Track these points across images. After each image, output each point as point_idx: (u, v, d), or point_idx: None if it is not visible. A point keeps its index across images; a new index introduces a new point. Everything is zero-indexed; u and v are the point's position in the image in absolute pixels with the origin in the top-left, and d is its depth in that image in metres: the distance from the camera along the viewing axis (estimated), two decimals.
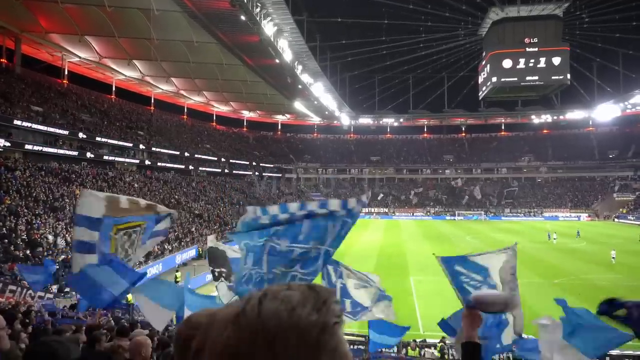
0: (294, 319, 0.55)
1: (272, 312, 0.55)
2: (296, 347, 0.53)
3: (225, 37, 40.55)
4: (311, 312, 0.56)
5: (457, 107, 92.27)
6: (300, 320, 0.55)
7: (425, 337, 15.70)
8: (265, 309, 0.56)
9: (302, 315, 0.55)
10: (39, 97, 39.68)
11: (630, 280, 24.49)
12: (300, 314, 0.55)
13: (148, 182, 43.27)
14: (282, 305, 0.56)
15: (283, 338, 0.53)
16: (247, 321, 0.55)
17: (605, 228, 54.59)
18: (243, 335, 0.54)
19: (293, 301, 0.57)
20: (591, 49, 72.38)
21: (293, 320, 0.55)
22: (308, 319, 0.55)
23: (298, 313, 0.55)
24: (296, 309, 0.56)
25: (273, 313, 0.55)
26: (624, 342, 3.46)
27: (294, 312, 0.55)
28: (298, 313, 0.55)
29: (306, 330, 0.54)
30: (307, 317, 0.55)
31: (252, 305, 0.57)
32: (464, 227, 56.81)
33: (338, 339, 0.58)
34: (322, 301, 0.59)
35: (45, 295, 15.87)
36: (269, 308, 0.56)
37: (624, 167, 78.51)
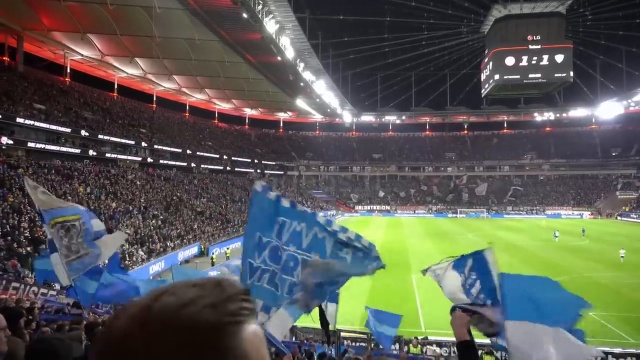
0: (181, 316, 0.52)
1: (162, 307, 0.53)
2: (178, 346, 0.50)
3: (227, 34, 40.51)
4: (202, 310, 0.53)
5: (459, 105, 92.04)
6: (187, 317, 0.52)
7: (427, 335, 15.72)
8: (156, 305, 0.54)
9: (191, 312, 0.53)
10: (41, 95, 39.75)
11: (632, 278, 24.45)
12: (189, 311, 0.53)
13: (150, 179, 43.35)
14: (175, 301, 0.54)
15: (166, 336, 0.51)
16: (138, 315, 0.53)
17: (607, 226, 54.46)
18: (132, 331, 0.52)
19: (187, 298, 0.54)
20: (594, 46, 72.05)
21: (180, 317, 0.52)
22: (196, 317, 0.52)
23: (188, 310, 0.53)
24: (187, 306, 0.53)
25: (162, 309, 0.53)
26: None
27: (184, 309, 0.53)
28: (188, 310, 0.53)
29: (192, 329, 0.51)
30: (196, 315, 0.52)
31: (149, 301, 0.55)
32: (466, 225, 56.77)
33: (235, 341, 0.54)
34: (222, 299, 0.56)
35: (48, 292, 15.93)
36: (160, 304, 0.54)
37: (627, 165, 78.22)
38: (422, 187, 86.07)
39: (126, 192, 35.61)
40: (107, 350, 0.53)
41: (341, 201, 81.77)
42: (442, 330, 15.22)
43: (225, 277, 0.61)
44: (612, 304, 18.59)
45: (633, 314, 17.99)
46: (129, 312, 0.54)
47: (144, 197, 36.69)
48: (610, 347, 13.26)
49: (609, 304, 18.39)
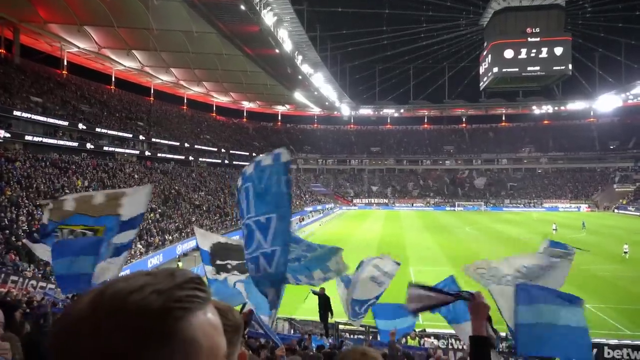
0: (128, 302, 0.53)
1: (111, 293, 0.54)
2: (123, 329, 0.51)
3: (225, 27, 40.24)
4: (148, 296, 0.54)
5: (457, 98, 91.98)
6: (133, 303, 0.53)
7: (424, 327, 15.79)
8: (107, 290, 0.55)
9: (137, 298, 0.53)
10: (38, 87, 39.51)
11: (630, 271, 24.59)
12: (135, 297, 0.53)
13: (148, 173, 43.26)
14: (124, 287, 0.55)
15: (110, 320, 0.52)
16: (90, 301, 0.55)
17: (605, 219, 54.68)
18: (82, 313, 0.53)
19: (135, 285, 0.55)
20: (593, 39, 71.98)
21: (127, 302, 0.53)
22: (142, 302, 0.53)
23: (134, 296, 0.53)
24: (133, 293, 0.54)
25: (111, 294, 0.54)
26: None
27: (130, 295, 0.53)
28: (134, 296, 0.53)
29: (137, 314, 0.52)
30: (142, 300, 0.53)
31: (105, 286, 0.56)
32: (464, 218, 56.93)
33: (180, 325, 0.54)
34: (170, 286, 0.56)
35: (47, 285, 15.95)
36: (111, 289, 0.55)
37: (625, 158, 78.41)
38: (420, 180, 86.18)
39: (124, 185, 35.54)
40: (60, 331, 0.54)
41: (339, 194, 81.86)
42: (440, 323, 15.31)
43: (181, 268, 0.62)
44: (609, 296, 18.71)
45: (629, 306, 18.11)
46: (87, 297, 0.56)
47: None
48: (607, 339, 13.37)
49: (605, 296, 18.52)
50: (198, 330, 0.55)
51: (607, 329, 15.36)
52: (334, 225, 50.06)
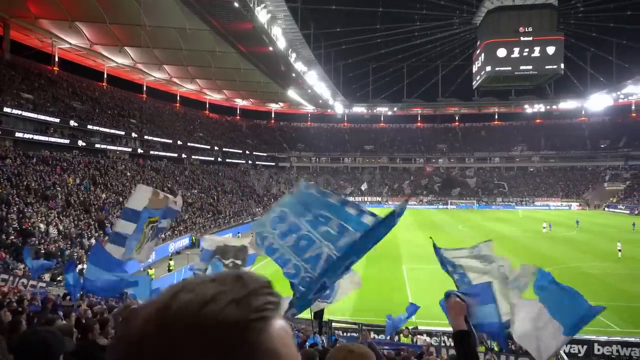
0: (204, 314, 0.49)
1: (182, 306, 0.50)
2: (200, 347, 0.47)
3: (218, 24, 40.05)
4: (225, 307, 0.50)
5: (451, 97, 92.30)
6: (210, 315, 0.49)
7: (417, 325, 15.88)
8: (175, 303, 0.50)
9: (214, 310, 0.49)
10: (29, 84, 39.10)
11: (620, 269, 24.88)
12: (212, 309, 0.49)
13: (141, 170, 43.02)
14: (195, 298, 0.50)
15: (187, 336, 0.47)
16: (156, 315, 0.50)
17: (595, 217, 55.26)
18: (150, 331, 0.48)
19: (208, 295, 0.51)
20: (585, 38, 72.57)
21: (203, 315, 0.48)
22: (220, 314, 0.49)
23: (210, 308, 0.49)
24: (209, 303, 0.50)
25: (182, 307, 0.49)
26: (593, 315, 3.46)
27: (205, 306, 0.49)
28: (210, 308, 0.49)
29: (216, 328, 0.48)
30: (219, 312, 0.49)
31: (166, 299, 0.51)
32: (457, 216, 57.23)
33: (262, 337, 0.51)
34: (245, 294, 0.52)
35: (37, 284, 15.80)
36: (180, 301, 0.50)
37: (615, 156, 79.22)
38: (413, 178, 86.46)
39: (116, 183, 35.33)
40: (123, 356, 0.49)
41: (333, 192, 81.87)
42: (433, 320, 15.40)
43: (245, 271, 0.57)
44: (599, 294, 18.91)
45: (619, 303, 18.33)
46: (144, 312, 0.51)
47: (134, 188, 36.38)
48: (597, 336, 13.52)
49: (596, 294, 18.71)
50: (277, 340, 0.52)
51: (597, 326, 15.53)
52: None
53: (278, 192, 65.84)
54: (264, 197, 59.67)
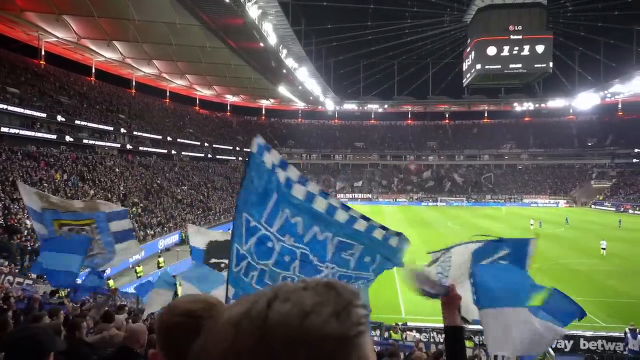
0: (306, 328, 0.45)
1: (281, 318, 0.46)
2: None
3: (209, 19, 39.69)
4: (328, 320, 0.46)
5: (441, 94, 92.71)
6: (313, 329, 0.45)
7: (406, 321, 15.99)
8: (273, 314, 0.46)
9: (316, 324, 0.45)
10: (14, 78, 38.43)
11: (606, 265, 25.26)
12: (314, 322, 0.46)
13: (130, 166, 42.60)
14: (293, 309, 0.47)
15: (291, 351, 0.44)
16: (251, 326, 0.46)
17: (582, 214, 56.00)
18: (245, 344, 0.45)
19: (307, 305, 0.47)
20: (574, 37, 73.28)
21: (305, 329, 0.45)
22: (323, 329, 0.45)
23: (312, 321, 0.46)
24: (310, 315, 0.46)
25: (282, 319, 0.46)
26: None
27: (307, 319, 0.46)
28: (312, 321, 0.46)
29: (320, 343, 0.45)
30: (323, 326, 0.45)
31: (260, 308, 0.47)
32: (446, 213, 57.63)
33: (362, 352, 0.47)
34: (343, 305, 0.48)
35: (24, 281, 15.59)
36: (278, 313, 0.46)
37: (602, 154, 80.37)
38: (404, 175, 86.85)
39: (105, 179, 34.95)
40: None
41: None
42: (422, 317, 15.52)
43: (331, 278, 0.54)
44: (585, 290, 19.20)
45: (605, 299, 18.64)
46: (232, 320, 0.47)
47: (123, 184, 36.07)
48: (582, 331, 13.72)
49: (582, 290, 18.98)
50: (371, 353, 0.49)
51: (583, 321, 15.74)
52: None
53: None
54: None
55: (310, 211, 2.76)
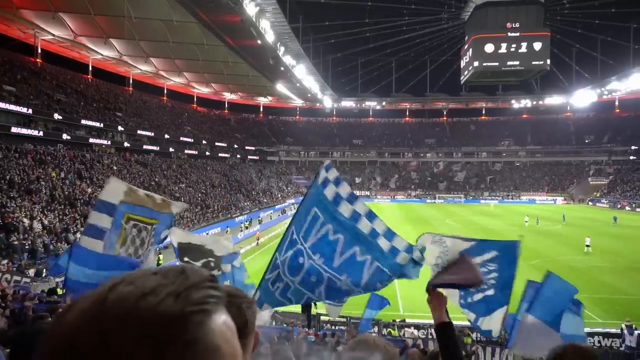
0: (141, 307, 0.45)
1: (118, 298, 0.46)
2: (135, 340, 0.44)
3: (206, 16, 39.55)
4: (164, 299, 0.46)
5: (439, 91, 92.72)
6: (147, 308, 0.45)
7: (405, 318, 16.05)
8: (112, 295, 0.47)
9: (151, 303, 0.46)
10: (11, 76, 38.25)
11: (602, 262, 25.37)
12: (149, 302, 0.46)
13: (127, 164, 42.51)
14: (134, 291, 0.47)
15: (120, 330, 0.44)
16: (91, 308, 0.46)
17: (579, 211, 56.21)
18: (82, 325, 0.45)
19: (147, 287, 0.47)
20: (571, 35, 73.28)
21: (139, 307, 0.45)
22: (158, 307, 0.46)
23: (148, 300, 0.46)
24: (148, 295, 0.46)
25: (118, 299, 0.46)
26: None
27: (143, 299, 0.46)
28: (148, 300, 0.46)
29: (152, 320, 0.45)
30: (157, 305, 0.46)
31: (102, 291, 0.48)
32: (444, 210, 57.74)
33: (202, 331, 0.47)
34: (186, 286, 0.49)
35: (22, 279, 15.58)
36: (117, 293, 0.47)
37: (599, 152, 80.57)
38: (402, 173, 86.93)
39: (102, 177, 34.85)
40: (54, 350, 0.45)
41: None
42: (420, 313, 15.57)
43: (190, 266, 0.54)
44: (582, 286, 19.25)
45: (602, 296, 18.73)
46: (79, 305, 0.48)
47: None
48: None
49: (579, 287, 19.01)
50: (218, 334, 0.49)
51: None
52: None
53: (266, 186, 65.69)
54: (252, 191, 59.46)
55: (353, 230, 2.75)
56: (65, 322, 0.46)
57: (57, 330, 0.47)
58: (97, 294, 0.48)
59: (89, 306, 0.47)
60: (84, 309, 0.46)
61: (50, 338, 0.46)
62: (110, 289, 0.48)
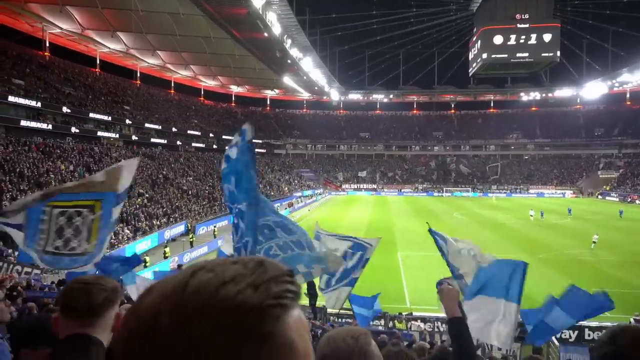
0: (221, 295, 0.46)
1: (199, 285, 0.47)
2: (213, 328, 0.45)
3: (213, 9, 39.48)
4: (244, 289, 0.47)
5: (447, 84, 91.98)
6: (226, 297, 0.46)
7: (411, 311, 16.04)
8: (193, 281, 0.48)
9: (230, 292, 0.46)
10: (19, 70, 38.53)
11: (611, 255, 25.15)
12: (228, 291, 0.47)
13: (135, 157, 42.75)
14: (214, 279, 0.48)
15: (201, 316, 0.45)
16: (173, 292, 0.47)
17: (588, 205, 55.70)
18: (166, 308, 0.46)
19: (227, 276, 0.48)
20: (581, 25, 72.19)
21: (219, 296, 0.46)
22: (236, 297, 0.46)
23: (227, 289, 0.47)
24: (227, 284, 0.47)
25: (199, 286, 0.47)
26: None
27: (222, 287, 0.47)
28: (227, 289, 0.47)
29: (231, 310, 0.45)
30: (236, 295, 0.46)
31: (184, 277, 0.49)
32: (452, 204, 57.50)
33: (279, 327, 0.47)
34: (265, 279, 0.49)
35: (32, 271, 15.78)
36: (198, 280, 0.48)
37: (609, 145, 79.61)
38: (409, 166, 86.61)
39: None
40: (135, 330, 0.47)
41: (328, 180, 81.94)
42: (426, 307, 15.56)
43: (269, 258, 0.53)
44: (590, 280, 19.15)
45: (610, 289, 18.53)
46: (161, 288, 0.49)
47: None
48: (587, 321, 13.71)
49: (587, 280, 18.94)
50: (294, 331, 0.49)
51: None
52: (322, 211, 50.21)
53: (273, 179, 65.79)
54: (258, 184, 59.58)
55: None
56: (147, 304, 0.47)
57: (137, 312, 0.48)
58: (178, 279, 0.49)
59: (171, 291, 0.47)
60: (166, 293, 0.47)
61: (131, 320, 0.47)
62: (191, 274, 0.49)
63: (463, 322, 1.99)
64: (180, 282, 0.48)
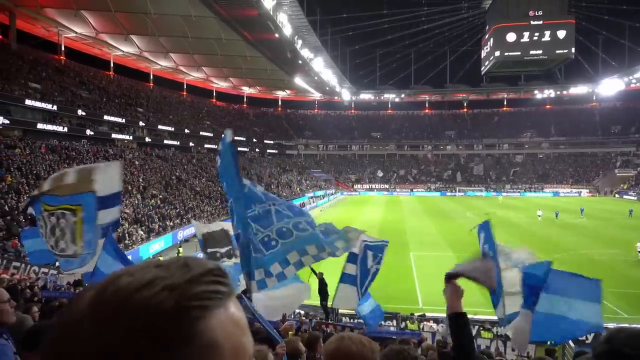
0: (134, 299, 0.45)
1: (115, 290, 0.46)
2: (126, 335, 0.43)
3: (224, 10, 39.74)
4: (158, 293, 0.45)
5: (459, 82, 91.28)
6: (140, 300, 0.45)
7: (424, 312, 15.93)
8: (111, 287, 0.47)
9: (145, 295, 0.45)
10: (36, 74, 39.25)
11: (628, 255, 24.64)
12: (143, 294, 0.45)
13: (149, 159, 43.23)
14: (132, 282, 0.46)
15: (114, 321, 0.44)
16: (93, 297, 0.47)
17: (605, 204, 54.69)
18: (85, 316, 0.45)
19: (144, 279, 0.47)
20: (597, 21, 71.07)
21: (133, 300, 0.45)
22: (150, 301, 0.45)
23: (142, 293, 0.45)
24: (142, 289, 0.45)
25: (116, 291, 0.46)
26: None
27: (137, 292, 0.45)
28: (142, 293, 0.45)
29: (143, 314, 0.44)
30: (150, 298, 0.45)
31: (105, 282, 0.48)
32: (465, 203, 56.97)
33: (198, 327, 0.46)
34: (186, 280, 0.48)
35: (49, 272, 16.04)
36: (115, 285, 0.47)
37: (627, 142, 78.10)
38: (421, 165, 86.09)
39: (125, 171, 35.52)
40: (59, 335, 0.46)
41: (340, 180, 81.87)
42: (439, 307, 15.43)
43: (196, 257, 0.52)
44: (607, 281, 18.74)
45: (627, 290, 18.21)
46: (89, 293, 0.48)
47: (142, 176, 36.64)
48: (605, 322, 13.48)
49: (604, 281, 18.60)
50: (219, 331, 0.48)
51: (606, 312, 15.42)
52: (335, 211, 50.14)
53: (286, 179, 65.95)
54: (271, 184, 59.77)
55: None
56: (73, 311, 0.47)
57: (64, 318, 0.47)
58: (101, 283, 0.48)
59: (92, 295, 0.47)
60: (88, 298, 0.47)
61: (58, 325, 0.47)
62: (112, 280, 0.48)
63: (462, 318, 1.97)
64: (101, 287, 0.47)
